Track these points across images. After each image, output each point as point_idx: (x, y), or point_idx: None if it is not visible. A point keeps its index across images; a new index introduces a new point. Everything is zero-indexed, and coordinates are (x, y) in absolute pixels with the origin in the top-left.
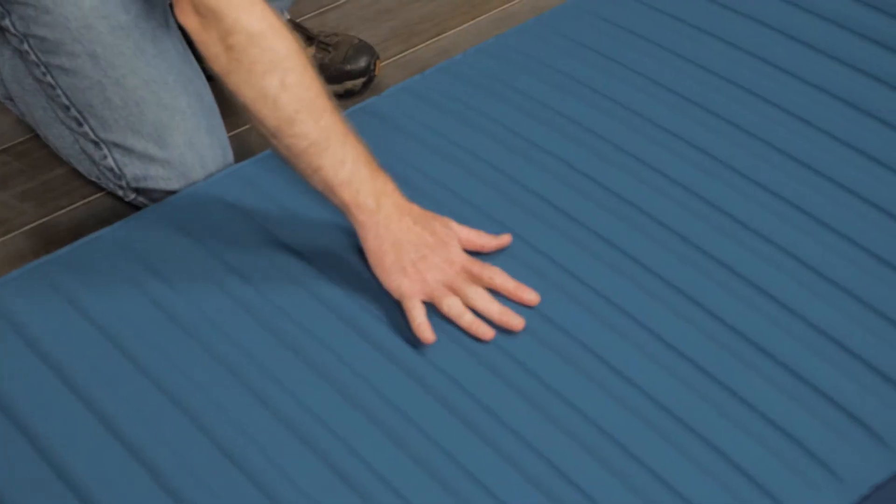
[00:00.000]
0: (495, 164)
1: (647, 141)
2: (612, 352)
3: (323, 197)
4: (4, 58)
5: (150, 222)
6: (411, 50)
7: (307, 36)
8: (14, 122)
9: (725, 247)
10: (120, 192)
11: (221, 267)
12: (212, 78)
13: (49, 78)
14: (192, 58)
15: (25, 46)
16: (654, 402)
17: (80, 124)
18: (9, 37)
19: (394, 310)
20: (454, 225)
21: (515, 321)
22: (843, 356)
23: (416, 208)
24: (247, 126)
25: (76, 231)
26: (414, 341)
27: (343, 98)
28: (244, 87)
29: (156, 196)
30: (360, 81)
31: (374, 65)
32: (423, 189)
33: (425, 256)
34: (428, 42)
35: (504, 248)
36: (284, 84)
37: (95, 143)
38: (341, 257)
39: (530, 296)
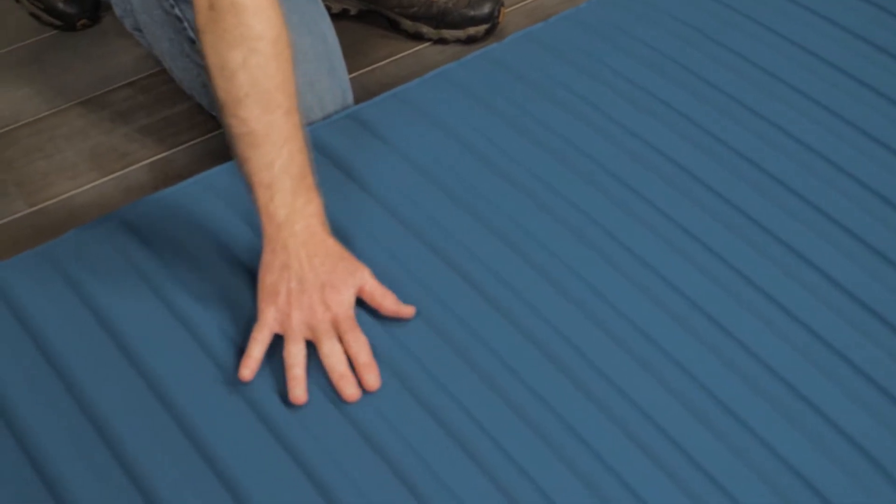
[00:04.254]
0: (615, 116)
1: (779, 103)
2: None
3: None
4: None
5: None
6: None
7: None
8: (139, 58)
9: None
10: None
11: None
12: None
13: (177, 10)
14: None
15: None
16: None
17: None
18: None
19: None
20: (365, 274)
21: (349, 391)
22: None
23: (330, 242)
24: (368, 68)
25: (194, 167)
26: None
27: (465, 44)
28: (210, 51)
29: None
30: (482, 28)
31: (499, 11)
32: (537, 136)
33: (304, 291)
34: None
35: (403, 318)
36: (246, 63)
37: None
38: None
39: (371, 381)
